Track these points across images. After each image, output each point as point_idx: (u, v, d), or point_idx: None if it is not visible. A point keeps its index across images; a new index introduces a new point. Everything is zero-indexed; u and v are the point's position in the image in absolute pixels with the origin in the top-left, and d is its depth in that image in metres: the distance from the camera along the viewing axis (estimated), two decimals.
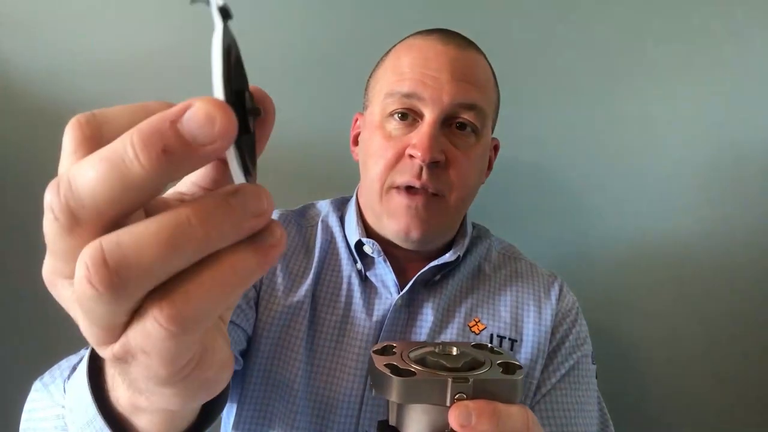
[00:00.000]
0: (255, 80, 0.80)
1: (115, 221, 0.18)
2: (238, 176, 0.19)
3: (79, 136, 0.18)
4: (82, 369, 0.29)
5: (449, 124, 0.59)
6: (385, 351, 0.34)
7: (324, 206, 0.71)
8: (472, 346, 0.35)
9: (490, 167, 0.70)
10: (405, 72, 0.59)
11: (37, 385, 0.40)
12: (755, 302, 0.91)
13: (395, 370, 0.30)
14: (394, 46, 0.65)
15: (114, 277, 0.17)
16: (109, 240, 0.17)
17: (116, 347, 0.19)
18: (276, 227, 0.19)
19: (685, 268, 0.92)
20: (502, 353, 0.34)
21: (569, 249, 0.93)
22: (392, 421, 0.31)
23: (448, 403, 0.29)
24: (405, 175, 0.57)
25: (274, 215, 0.68)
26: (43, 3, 0.87)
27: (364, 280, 0.64)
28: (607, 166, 0.92)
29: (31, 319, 0.90)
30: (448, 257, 0.62)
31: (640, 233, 0.92)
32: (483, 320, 0.61)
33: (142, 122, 0.17)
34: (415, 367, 0.30)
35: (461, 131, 0.59)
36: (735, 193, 0.91)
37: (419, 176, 0.57)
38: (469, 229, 0.69)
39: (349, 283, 0.64)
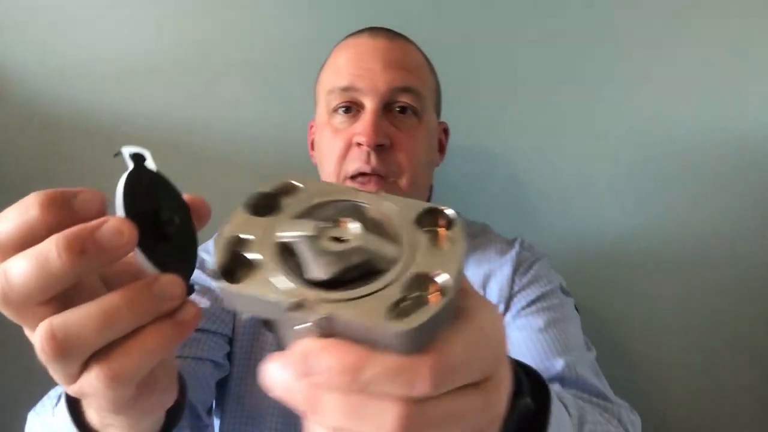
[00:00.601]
0: (240, 80, 0.79)
1: (47, 301, 0.23)
2: (149, 270, 0.24)
3: None
4: (63, 395, 0.34)
5: (390, 109, 0.63)
6: (271, 203, 0.25)
7: None
8: (418, 217, 0.24)
9: (442, 150, 0.74)
10: (341, 68, 0.64)
11: (31, 415, 0.44)
12: (743, 297, 0.93)
13: (228, 262, 0.23)
14: (332, 50, 0.69)
15: (61, 347, 0.22)
16: (59, 319, 0.22)
17: (75, 388, 0.24)
18: (190, 306, 0.24)
19: (670, 263, 0.93)
20: (456, 244, 0.22)
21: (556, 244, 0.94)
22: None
23: (290, 332, 0.21)
24: (355, 163, 0.61)
25: None
26: (39, 3, 0.88)
27: None
28: (594, 162, 0.93)
29: None
30: None
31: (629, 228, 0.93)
32: None
33: (67, 230, 0.22)
34: (259, 262, 0.22)
35: (403, 115, 0.63)
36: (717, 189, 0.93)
37: (368, 161, 0.60)
38: None
39: None
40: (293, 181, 0.26)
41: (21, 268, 0.22)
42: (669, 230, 0.93)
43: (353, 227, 0.23)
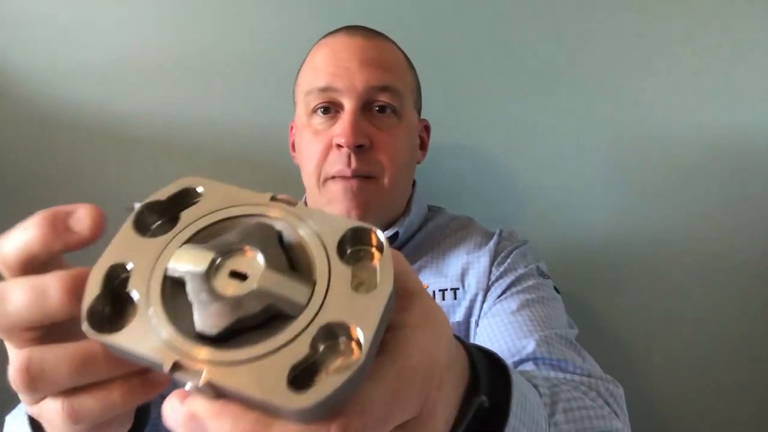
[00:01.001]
0: (240, 80, 0.79)
1: (30, 330, 0.23)
2: None
3: None
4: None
5: (369, 109, 0.63)
6: (167, 215, 0.22)
7: None
8: (341, 241, 0.20)
9: (424, 147, 0.74)
10: (319, 68, 0.64)
11: (8, 419, 0.46)
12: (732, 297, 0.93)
13: (102, 299, 0.19)
14: (310, 49, 0.69)
15: (31, 381, 0.22)
16: (37, 354, 0.22)
17: (34, 410, 0.25)
18: None
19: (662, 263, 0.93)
20: (381, 284, 0.19)
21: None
22: None
23: (178, 384, 0.18)
24: (336, 165, 0.61)
25: None
26: (39, 3, 0.88)
27: None
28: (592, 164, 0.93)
29: None
30: (386, 234, 0.64)
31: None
32: (425, 281, 0.64)
33: (70, 271, 0.22)
34: (140, 301, 0.19)
35: (382, 114, 0.63)
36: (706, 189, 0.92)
37: (349, 164, 0.61)
38: (417, 209, 0.71)
39: None
40: (193, 186, 0.22)
41: (18, 297, 0.22)
42: (666, 230, 0.93)
43: (257, 259, 0.19)
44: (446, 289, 0.63)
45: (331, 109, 0.63)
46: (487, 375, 0.29)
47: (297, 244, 0.20)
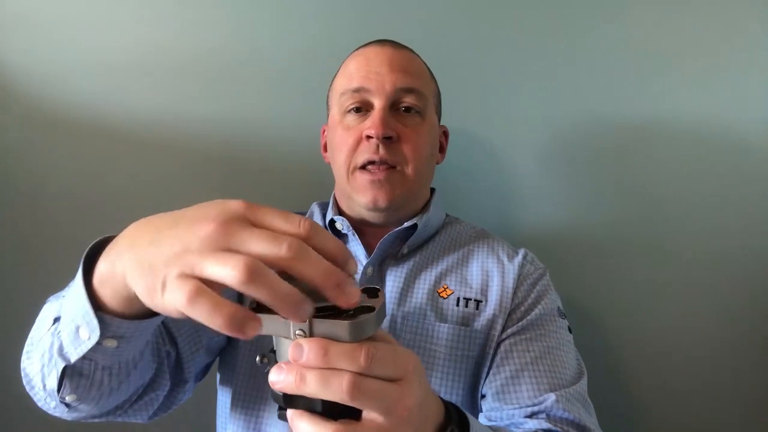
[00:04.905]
0: (241, 80, 0.80)
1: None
2: None
3: None
4: (78, 278, 0.40)
5: (396, 109, 0.70)
6: None
7: (313, 207, 0.82)
8: (362, 289, 0.38)
9: (442, 151, 0.81)
10: (353, 73, 0.71)
11: (45, 305, 0.50)
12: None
13: (256, 308, 0.36)
14: (344, 60, 0.76)
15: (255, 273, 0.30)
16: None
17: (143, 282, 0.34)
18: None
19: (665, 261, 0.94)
20: (378, 297, 0.38)
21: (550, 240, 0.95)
22: (274, 347, 0.38)
23: (292, 337, 0.34)
24: (365, 154, 0.68)
25: None
26: (42, 3, 0.89)
27: None
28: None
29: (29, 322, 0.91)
30: (406, 224, 0.71)
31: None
32: (451, 286, 0.70)
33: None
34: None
35: (407, 114, 0.71)
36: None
37: (377, 152, 0.67)
38: (436, 210, 0.77)
39: None
40: None
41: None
42: (665, 224, 0.94)
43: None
44: (470, 299, 0.68)
45: (362, 109, 0.70)
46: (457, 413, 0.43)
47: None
